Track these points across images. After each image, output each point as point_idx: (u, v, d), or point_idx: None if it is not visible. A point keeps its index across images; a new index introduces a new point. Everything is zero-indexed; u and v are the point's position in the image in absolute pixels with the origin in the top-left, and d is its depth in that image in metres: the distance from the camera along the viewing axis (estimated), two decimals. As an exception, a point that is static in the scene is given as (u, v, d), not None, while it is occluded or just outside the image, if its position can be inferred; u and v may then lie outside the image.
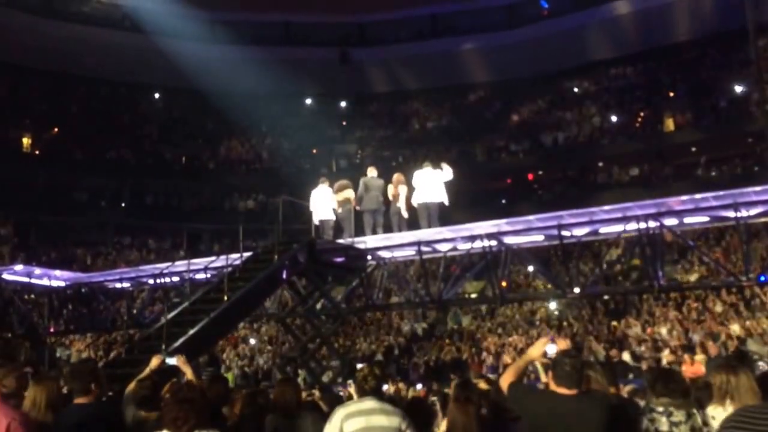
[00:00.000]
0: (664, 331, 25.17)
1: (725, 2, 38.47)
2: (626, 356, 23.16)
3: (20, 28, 42.18)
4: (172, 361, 10.04)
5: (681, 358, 21.33)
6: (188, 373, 9.34)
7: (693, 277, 27.15)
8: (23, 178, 43.14)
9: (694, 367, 19.67)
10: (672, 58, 44.46)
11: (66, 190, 44.71)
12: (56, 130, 47.06)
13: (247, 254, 19.27)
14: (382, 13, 47.98)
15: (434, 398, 11.05)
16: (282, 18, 49.19)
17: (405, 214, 20.98)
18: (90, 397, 7.00)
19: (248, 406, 8.26)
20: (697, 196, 16.71)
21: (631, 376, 19.57)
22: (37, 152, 45.47)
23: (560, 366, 6.03)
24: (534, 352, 6.64)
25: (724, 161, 39.62)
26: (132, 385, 8.55)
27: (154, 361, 9.68)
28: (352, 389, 11.44)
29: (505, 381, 6.46)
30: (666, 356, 22.27)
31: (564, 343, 6.70)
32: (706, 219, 17.95)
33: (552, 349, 6.45)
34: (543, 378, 7.66)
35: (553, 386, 6.09)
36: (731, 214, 16.73)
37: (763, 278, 17.44)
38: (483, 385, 9.52)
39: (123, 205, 45.95)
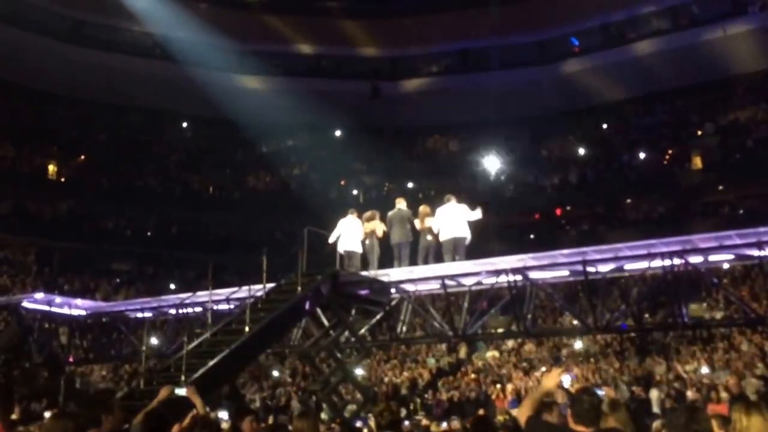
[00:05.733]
0: (690, 369, 24.98)
1: (754, 43, 38.42)
2: (652, 394, 22.98)
3: (49, 55, 42.47)
4: (181, 391, 9.98)
5: (706, 396, 21.16)
6: (198, 404, 9.24)
7: (718, 315, 26.95)
8: (48, 204, 43.41)
9: (719, 406, 19.49)
10: (700, 96, 44.48)
11: (91, 217, 44.96)
12: (83, 157, 47.56)
13: (270, 285, 19.12)
14: (413, 48, 48.00)
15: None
16: (313, 50, 49.35)
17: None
18: (100, 429, 6.94)
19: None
20: (722, 233, 16.60)
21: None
22: (62, 179, 45.91)
23: (579, 403, 5.97)
24: (549, 382, 6.57)
25: (750, 199, 39.50)
26: (139, 417, 8.47)
27: (163, 392, 9.64)
28: (372, 423, 11.41)
29: (523, 415, 6.39)
30: (691, 394, 22.09)
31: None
32: (730, 257, 17.82)
33: (567, 380, 6.42)
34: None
35: (571, 423, 6.03)
36: (755, 252, 16.64)
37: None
38: (504, 420, 9.47)
39: (148, 234, 46.15)
